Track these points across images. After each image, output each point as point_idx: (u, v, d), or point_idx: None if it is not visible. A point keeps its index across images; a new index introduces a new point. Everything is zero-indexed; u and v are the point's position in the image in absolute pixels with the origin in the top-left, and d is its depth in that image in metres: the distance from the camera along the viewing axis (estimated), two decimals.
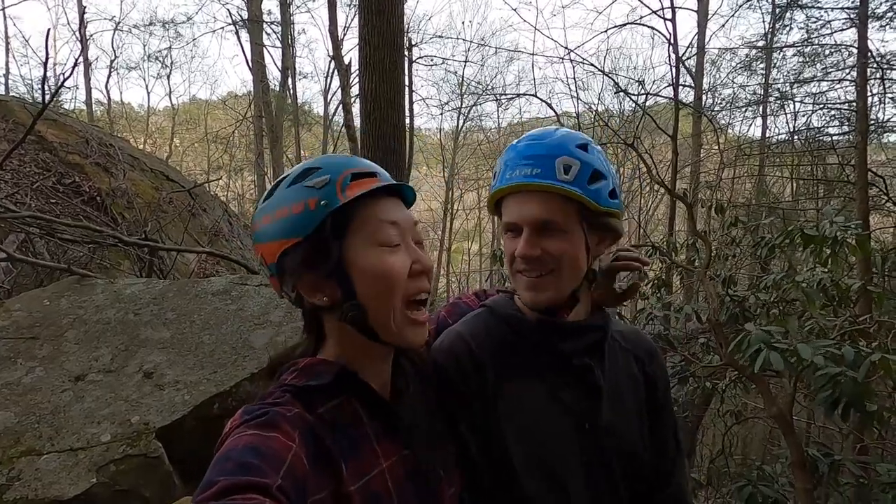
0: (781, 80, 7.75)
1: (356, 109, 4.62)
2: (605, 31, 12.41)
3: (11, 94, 8.48)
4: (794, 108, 7.46)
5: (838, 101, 6.50)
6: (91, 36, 14.48)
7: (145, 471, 1.51)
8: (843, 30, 5.77)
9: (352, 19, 11.78)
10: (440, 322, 0.92)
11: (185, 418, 1.63)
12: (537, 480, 0.77)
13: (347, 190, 0.65)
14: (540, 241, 0.78)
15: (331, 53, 10.44)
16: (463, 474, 0.76)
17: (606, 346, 0.86)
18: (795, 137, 6.95)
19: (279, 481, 0.52)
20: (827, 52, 6.48)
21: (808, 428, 4.53)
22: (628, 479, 0.83)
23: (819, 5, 5.87)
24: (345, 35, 11.44)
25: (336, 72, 11.06)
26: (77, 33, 12.65)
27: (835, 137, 6.22)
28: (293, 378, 0.66)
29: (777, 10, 7.50)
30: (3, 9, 14.80)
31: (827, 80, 6.77)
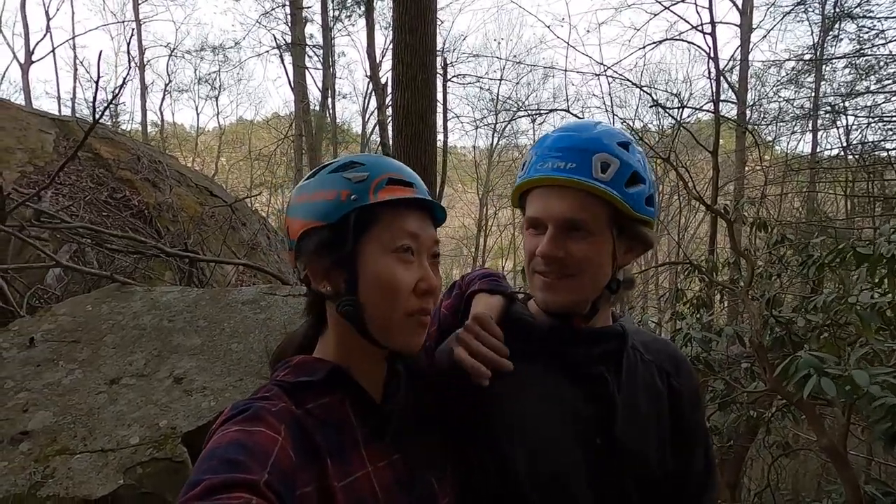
0: (832, 94, 7.42)
1: (391, 127, 4.73)
2: (643, 48, 12.23)
3: (75, 115, 9.13)
4: (847, 121, 7.10)
5: (895, 113, 6.15)
6: (148, 62, 15.56)
7: (170, 474, 1.53)
8: None
9: (389, 42, 12.16)
10: (442, 319, 0.88)
11: (210, 424, 1.66)
12: (541, 497, 0.72)
13: (380, 192, 0.66)
14: (565, 241, 0.72)
15: (368, 74, 10.78)
16: (459, 484, 0.73)
17: (625, 357, 0.80)
18: (849, 152, 6.60)
19: (266, 476, 0.51)
20: (882, 62, 6.16)
21: (869, 464, 4.18)
22: (645, 502, 0.76)
23: (872, 15, 5.62)
24: (383, 57, 11.79)
25: (373, 92, 11.40)
26: (135, 60, 13.60)
27: (892, 152, 5.87)
28: (284, 374, 0.66)
29: (826, 21, 7.22)
30: (73, 38, 16.11)
31: (883, 92, 6.44)
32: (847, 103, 6.92)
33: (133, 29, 14.06)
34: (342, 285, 0.66)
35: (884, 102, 6.49)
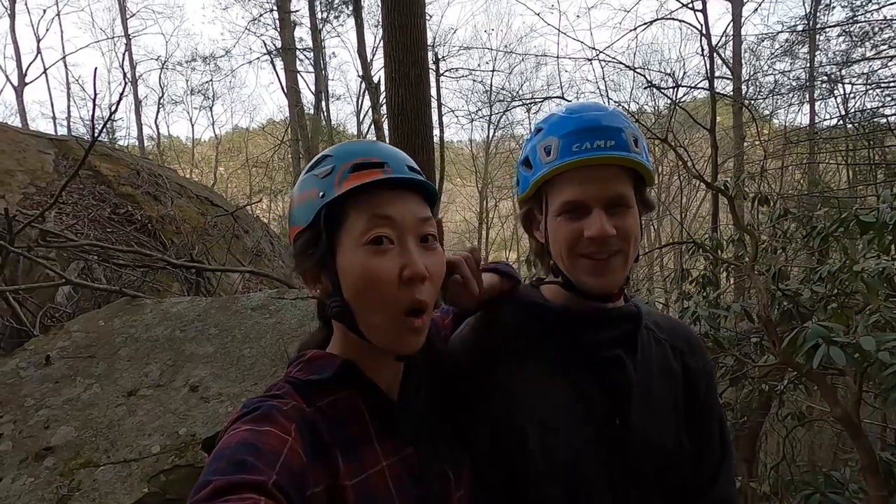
0: (828, 63, 7.35)
1: (386, 125, 4.74)
2: (634, 30, 12.16)
3: (72, 134, 9.16)
4: (844, 90, 7.04)
5: (893, 79, 6.10)
6: (140, 76, 15.59)
7: (192, 480, 1.55)
8: (891, 3, 5.43)
9: (379, 40, 12.12)
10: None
11: None
12: (555, 482, 0.72)
13: (344, 182, 0.63)
14: (611, 219, 0.72)
15: (360, 74, 10.77)
16: (476, 476, 0.73)
17: (639, 337, 0.80)
18: (847, 121, 6.56)
19: (275, 477, 0.50)
20: (876, 28, 6.10)
21: (884, 432, 4.19)
22: (663, 485, 0.76)
23: None
24: (374, 55, 11.79)
25: (366, 91, 11.39)
26: (127, 75, 13.62)
27: (891, 118, 5.83)
28: (297, 371, 0.66)
29: None
30: (64, 57, 16.14)
31: (879, 58, 6.38)
32: (843, 72, 6.86)
33: (127, 45, 14.08)
34: (329, 286, 0.65)
35: (881, 69, 6.43)
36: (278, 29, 11.94)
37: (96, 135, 2.63)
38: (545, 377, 0.77)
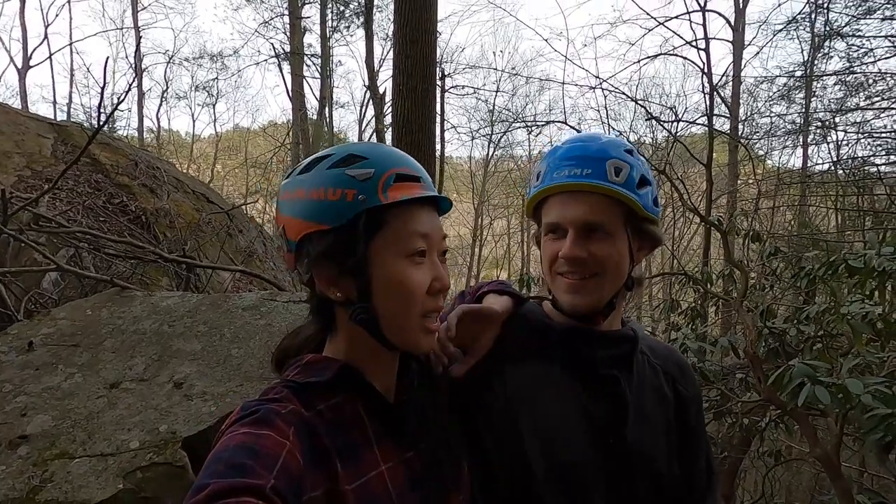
0: (822, 110, 7.56)
1: (388, 136, 4.78)
2: (638, 62, 12.46)
3: (72, 120, 9.11)
4: (837, 137, 7.23)
5: (885, 130, 6.28)
6: (146, 68, 15.60)
7: (170, 479, 1.53)
8: (887, 57, 5.63)
9: (387, 52, 12.30)
10: None
11: (211, 429, 1.66)
12: (553, 486, 0.75)
13: (389, 191, 0.62)
14: (586, 243, 0.77)
15: (366, 83, 10.89)
16: (476, 480, 0.74)
17: (635, 360, 0.83)
18: (839, 167, 6.72)
19: (272, 481, 0.50)
20: (871, 80, 6.31)
21: (861, 476, 4.21)
22: (654, 496, 0.79)
23: (860, 34, 5.76)
24: (381, 66, 11.92)
25: (371, 101, 11.49)
26: (132, 67, 13.64)
27: (882, 168, 5.98)
28: (295, 374, 0.65)
29: (816, 40, 7.39)
30: (71, 44, 16.14)
31: (872, 109, 6.57)
32: (837, 119, 7.06)
33: (138, 37, 14.13)
34: (353, 292, 0.64)
35: (873, 119, 6.62)
36: (288, 33, 12.07)
37: (102, 123, 2.63)
38: (545, 387, 0.80)
